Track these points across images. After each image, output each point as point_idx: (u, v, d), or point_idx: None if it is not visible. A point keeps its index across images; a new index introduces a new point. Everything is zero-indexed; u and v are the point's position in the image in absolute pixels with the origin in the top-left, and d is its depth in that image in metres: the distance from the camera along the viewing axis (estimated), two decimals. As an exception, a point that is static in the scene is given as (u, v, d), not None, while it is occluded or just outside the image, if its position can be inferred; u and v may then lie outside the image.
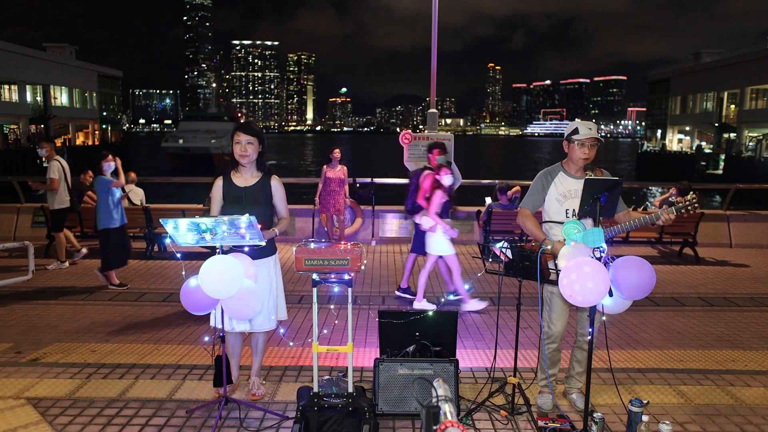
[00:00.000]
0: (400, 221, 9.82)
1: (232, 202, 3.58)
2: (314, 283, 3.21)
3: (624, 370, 4.32)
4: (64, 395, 3.78)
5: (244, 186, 3.61)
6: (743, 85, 41.74)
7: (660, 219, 3.23)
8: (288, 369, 4.29)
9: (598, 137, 3.47)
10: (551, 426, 3.32)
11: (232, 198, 3.59)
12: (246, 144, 3.55)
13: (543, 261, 3.26)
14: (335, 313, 5.62)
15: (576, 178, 3.53)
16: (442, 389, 3.14)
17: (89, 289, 6.54)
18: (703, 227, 8.68)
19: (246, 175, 3.64)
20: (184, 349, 4.67)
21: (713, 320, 5.63)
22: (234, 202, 3.58)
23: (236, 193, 3.59)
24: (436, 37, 9.35)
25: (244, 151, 3.55)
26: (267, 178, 3.67)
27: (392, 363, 3.53)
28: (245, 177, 3.64)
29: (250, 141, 3.56)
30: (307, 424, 3.20)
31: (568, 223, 3.14)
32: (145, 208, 8.57)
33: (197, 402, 3.71)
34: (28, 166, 36.04)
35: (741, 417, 3.60)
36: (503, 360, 4.49)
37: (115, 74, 62.84)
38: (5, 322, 5.33)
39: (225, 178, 3.64)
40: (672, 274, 7.55)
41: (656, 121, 59.37)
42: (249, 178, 3.64)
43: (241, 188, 3.60)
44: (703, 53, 52.21)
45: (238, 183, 3.62)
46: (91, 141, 54.42)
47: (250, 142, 3.56)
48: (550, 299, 3.61)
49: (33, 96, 46.08)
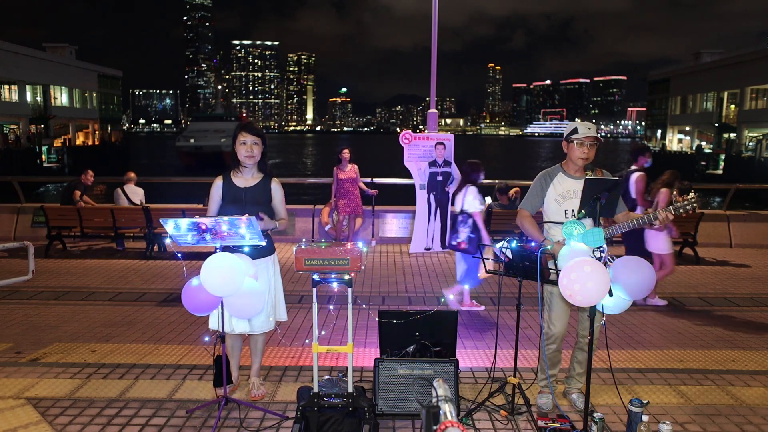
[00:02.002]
0: (400, 221, 9.83)
1: (231, 203, 3.58)
2: (314, 283, 3.21)
3: (624, 370, 4.32)
4: (64, 395, 3.78)
5: (245, 186, 3.61)
6: (743, 85, 41.76)
7: (658, 219, 3.23)
8: (288, 369, 4.29)
9: (597, 137, 3.47)
10: (551, 426, 3.32)
11: (231, 198, 3.59)
12: (252, 144, 3.55)
13: (543, 261, 3.26)
14: (335, 313, 5.62)
15: (575, 178, 3.53)
16: (442, 389, 3.14)
17: (89, 289, 6.53)
18: (703, 227, 8.68)
19: (247, 175, 3.64)
20: (184, 349, 4.67)
21: (713, 320, 5.63)
22: (234, 203, 3.57)
23: (236, 193, 3.59)
24: (436, 37, 9.35)
25: (250, 152, 3.55)
26: (267, 179, 3.67)
27: (392, 363, 3.53)
28: (246, 178, 3.64)
29: (256, 141, 3.57)
30: (307, 424, 3.20)
31: (568, 223, 3.14)
32: (145, 208, 8.56)
33: (197, 402, 3.71)
34: (28, 166, 36.05)
35: (741, 417, 3.60)
36: (503, 360, 4.49)
37: (115, 74, 62.83)
38: (5, 322, 5.33)
39: (225, 178, 3.64)
40: (672, 274, 7.55)
41: (656, 121, 59.39)
42: (249, 179, 3.64)
43: (241, 189, 3.60)
44: (703, 53, 52.21)
45: (238, 183, 3.62)
46: (91, 141, 54.42)
47: (256, 143, 3.57)
48: (550, 299, 3.61)
49: (33, 96, 46.08)
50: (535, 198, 3.64)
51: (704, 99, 48.56)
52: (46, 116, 45.40)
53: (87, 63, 57.60)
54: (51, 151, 42.68)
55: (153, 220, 8.48)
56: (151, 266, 7.78)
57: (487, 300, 6.29)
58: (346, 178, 8.73)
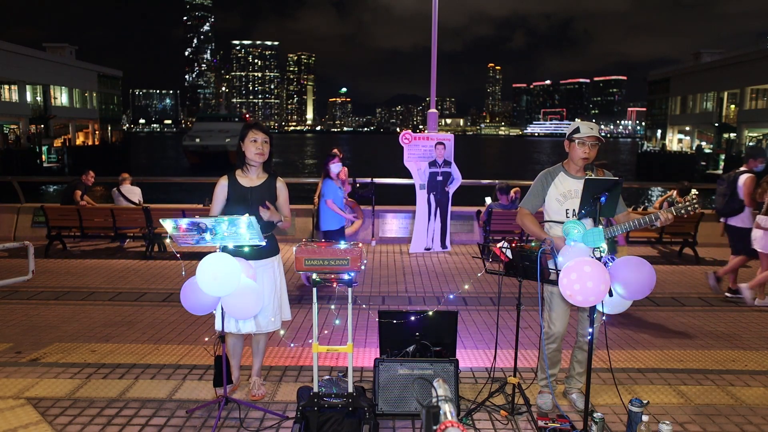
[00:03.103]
0: (400, 221, 9.83)
1: (237, 202, 3.59)
2: (314, 283, 3.21)
3: (624, 370, 4.32)
4: (64, 395, 3.78)
5: (250, 186, 3.62)
6: (743, 85, 41.77)
7: (659, 219, 3.23)
8: (288, 369, 4.29)
9: (598, 137, 3.48)
10: (551, 426, 3.32)
11: (237, 197, 3.59)
12: (263, 142, 3.58)
13: (543, 261, 3.26)
14: (335, 313, 5.62)
15: (576, 178, 3.54)
16: (442, 389, 3.14)
17: (89, 289, 6.53)
18: (703, 227, 8.68)
19: (252, 175, 3.66)
20: (184, 349, 4.67)
21: (713, 320, 5.63)
22: (239, 202, 3.58)
23: (242, 193, 3.60)
24: (436, 37, 9.35)
25: (260, 150, 3.56)
26: (272, 179, 3.68)
27: (392, 363, 3.53)
28: (251, 177, 3.65)
29: (266, 140, 3.59)
30: (307, 424, 3.20)
31: (568, 223, 3.14)
32: (145, 208, 8.56)
33: (197, 402, 3.71)
34: (29, 166, 36.06)
35: (741, 417, 3.60)
36: (503, 360, 4.49)
37: (115, 74, 62.85)
38: (5, 322, 5.33)
39: (230, 178, 3.64)
40: (672, 274, 7.55)
41: (656, 121, 59.38)
42: (255, 179, 3.65)
43: (246, 188, 3.61)
44: (703, 53, 52.20)
45: (243, 183, 3.63)
46: (91, 141, 54.44)
47: (266, 141, 3.59)
48: (550, 299, 3.61)
49: (33, 96, 46.09)
50: (536, 197, 3.64)
51: (704, 99, 48.56)
52: (46, 116, 45.42)
53: (87, 63, 57.61)
54: (51, 151, 42.72)
55: (153, 220, 8.48)
56: (151, 266, 7.78)
57: (487, 300, 6.30)
58: None
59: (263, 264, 3.59)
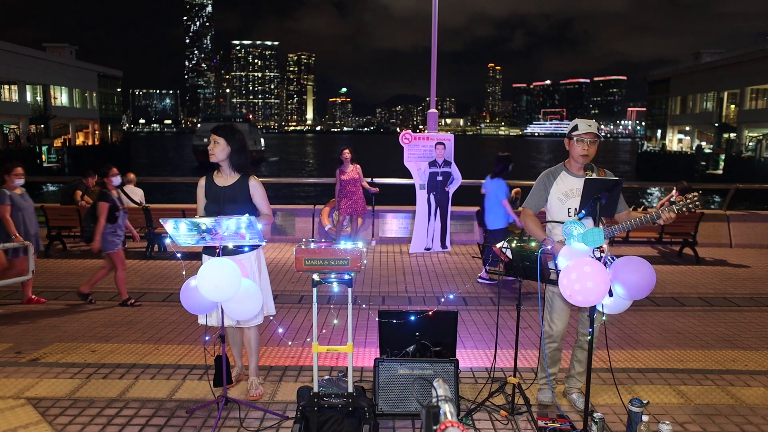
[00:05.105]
0: (400, 221, 9.82)
1: (212, 201, 3.71)
2: (314, 283, 3.22)
3: (624, 370, 4.32)
4: (64, 395, 3.78)
5: (223, 185, 3.73)
6: (743, 85, 41.75)
7: (660, 218, 3.23)
8: (288, 369, 4.29)
9: (596, 133, 3.49)
10: (551, 426, 3.32)
11: (212, 197, 3.72)
12: (213, 143, 3.70)
13: (543, 261, 3.26)
14: (335, 313, 5.62)
15: (578, 176, 3.54)
16: (442, 389, 3.14)
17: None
18: (703, 227, 8.68)
19: (225, 175, 3.77)
20: (184, 349, 4.67)
21: (713, 320, 5.63)
22: (213, 201, 3.70)
23: (216, 192, 3.72)
24: (436, 37, 9.35)
25: (211, 149, 3.71)
26: (245, 178, 3.76)
27: (392, 363, 3.53)
28: (225, 177, 3.77)
29: (217, 140, 3.69)
30: (307, 424, 3.20)
31: (569, 223, 3.14)
32: (145, 208, 8.56)
33: (197, 402, 3.71)
34: (29, 166, 36.02)
35: (741, 417, 3.60)
36: (503, 360, 4.49)
37: (115, 74, 62.86)
38: (5, 322, 5.33)
39: (208, 178, 3.78)
40: (672, 274, 7.55)
41: (656, 121, 59.36)
42: (228, 178, 3.76)
43: (220, 188, 3.72)
44: (702, 53, 52.18)
45: (218, 182, 3.75)
46: (91, 141, 54.46)
47: (217, 142, 3.69)
48: (551, 299, 3.61)
49: (33, 96, 46.10)
50: (539, 197, 3.65)
51: (704, 99, 48.54)
52: (46, 116, 45.41)
53: (87, 63, 57.63)
54: (51, 151, 42.70)
55: (153, 220, 8.48)
56: (151, 266, 7.78)
57: (487, 300, 6.29)
58: (348, 179, 8.72)
59: (242, 258, 3.64)
